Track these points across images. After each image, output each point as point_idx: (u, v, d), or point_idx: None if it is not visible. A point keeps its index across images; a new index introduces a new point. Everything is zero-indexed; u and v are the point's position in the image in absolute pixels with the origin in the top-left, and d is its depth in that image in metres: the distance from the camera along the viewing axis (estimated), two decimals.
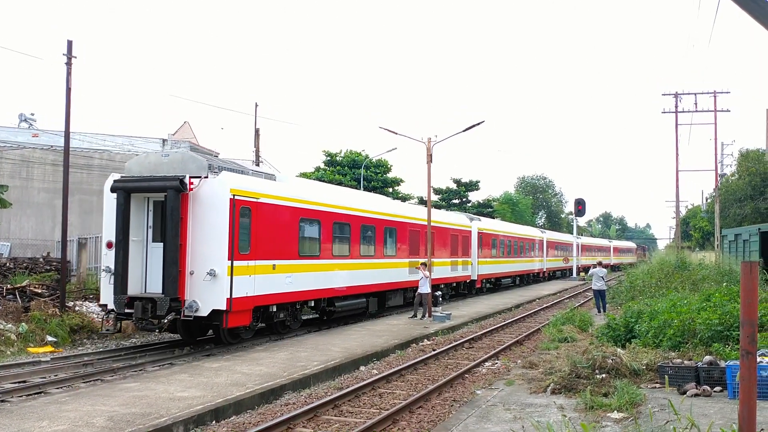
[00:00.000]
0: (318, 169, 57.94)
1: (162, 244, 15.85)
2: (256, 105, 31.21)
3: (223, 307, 15.49)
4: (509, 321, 24.16)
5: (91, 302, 20.70)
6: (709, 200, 63.52)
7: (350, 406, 11.51)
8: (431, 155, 24.53)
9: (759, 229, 26.76)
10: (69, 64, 20.27)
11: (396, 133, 26.56)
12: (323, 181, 52.59)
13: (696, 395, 10.21)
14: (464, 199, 74.94)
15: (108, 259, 16.38)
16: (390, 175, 59.29)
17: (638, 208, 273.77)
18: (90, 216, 27.80)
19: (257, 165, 31.12)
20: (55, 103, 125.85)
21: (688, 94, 45.60)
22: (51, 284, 20.89)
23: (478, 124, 26.02)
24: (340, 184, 52.56)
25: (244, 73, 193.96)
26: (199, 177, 15.88)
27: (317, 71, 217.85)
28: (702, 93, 45.24)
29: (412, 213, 28.04)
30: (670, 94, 45.80)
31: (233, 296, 15.69)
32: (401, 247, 26.11)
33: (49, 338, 17.62)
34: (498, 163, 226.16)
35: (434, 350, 17.08)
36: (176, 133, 55.83)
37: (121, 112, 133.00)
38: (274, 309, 18.05)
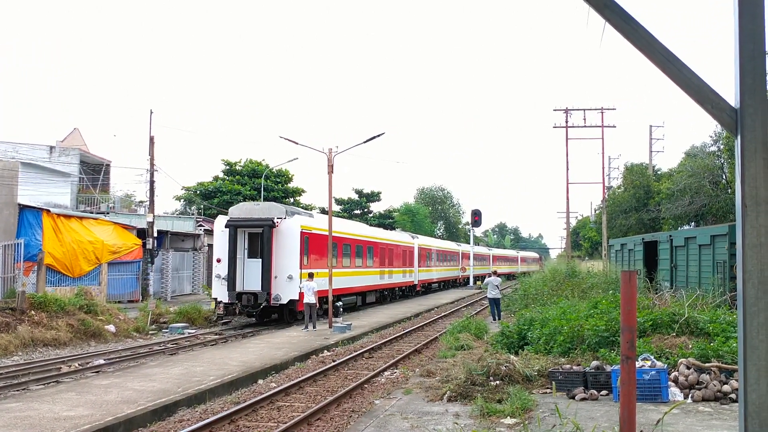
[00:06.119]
0: (217, 178, 56.71)
1: (259, 259, 24.70)
2: (151, 112, 30.14)
3: (296, 297, 24.51)
4: (409, 330, 24.41)
5: None
6: (597, 211, 66.58)
7: (247, 420, 11.30)
8: (333, 166, 24.52)
9: (643, 239, 28.20)
10: None
11: (297, 143, 26.43)
12: (221, 191, 52.28)
13: (584, 399, 10.65)
14: (366, 210, 75.34)
15: (219, 269, 25.09)
16: (291, 185, 58.84)
17: (531, 219, 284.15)
18: None
19: (152, 174, 30.21)
20: None
21: (578, 109, 47.67)
22: None
23: (379, 135, 26.29)
24: (239, 194, 51.78)
25: (138, 79, 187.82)
26: (281, 218, 25.17)
27: (215, 78, 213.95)
28: (590, 109, 47.43)
29: (381, 235, 38.38)
30: (560, 110, 47.76)
31: (301, 291, 24.11)
32: (375, 260, 35.16)
33: None
34: (399, 174, 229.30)
35: (334, 361, 17.03)
36: (65, 140, 53.32)
37: (4, 117, 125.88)
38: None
